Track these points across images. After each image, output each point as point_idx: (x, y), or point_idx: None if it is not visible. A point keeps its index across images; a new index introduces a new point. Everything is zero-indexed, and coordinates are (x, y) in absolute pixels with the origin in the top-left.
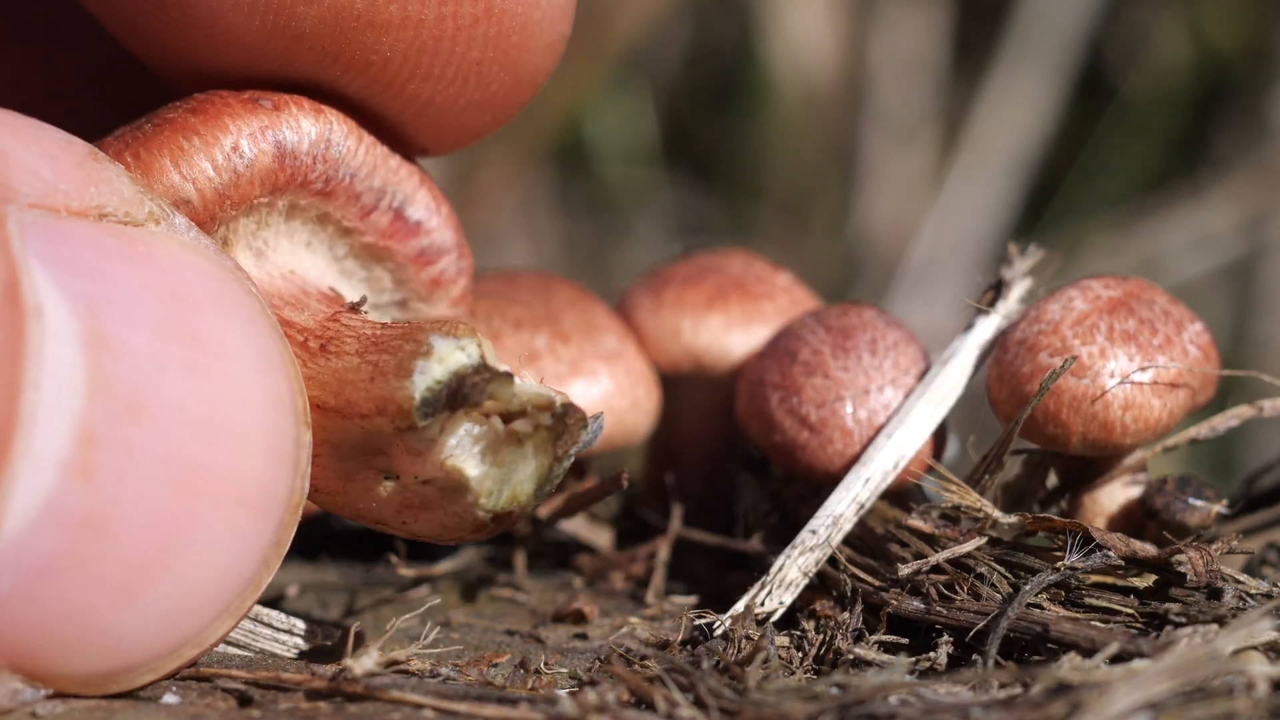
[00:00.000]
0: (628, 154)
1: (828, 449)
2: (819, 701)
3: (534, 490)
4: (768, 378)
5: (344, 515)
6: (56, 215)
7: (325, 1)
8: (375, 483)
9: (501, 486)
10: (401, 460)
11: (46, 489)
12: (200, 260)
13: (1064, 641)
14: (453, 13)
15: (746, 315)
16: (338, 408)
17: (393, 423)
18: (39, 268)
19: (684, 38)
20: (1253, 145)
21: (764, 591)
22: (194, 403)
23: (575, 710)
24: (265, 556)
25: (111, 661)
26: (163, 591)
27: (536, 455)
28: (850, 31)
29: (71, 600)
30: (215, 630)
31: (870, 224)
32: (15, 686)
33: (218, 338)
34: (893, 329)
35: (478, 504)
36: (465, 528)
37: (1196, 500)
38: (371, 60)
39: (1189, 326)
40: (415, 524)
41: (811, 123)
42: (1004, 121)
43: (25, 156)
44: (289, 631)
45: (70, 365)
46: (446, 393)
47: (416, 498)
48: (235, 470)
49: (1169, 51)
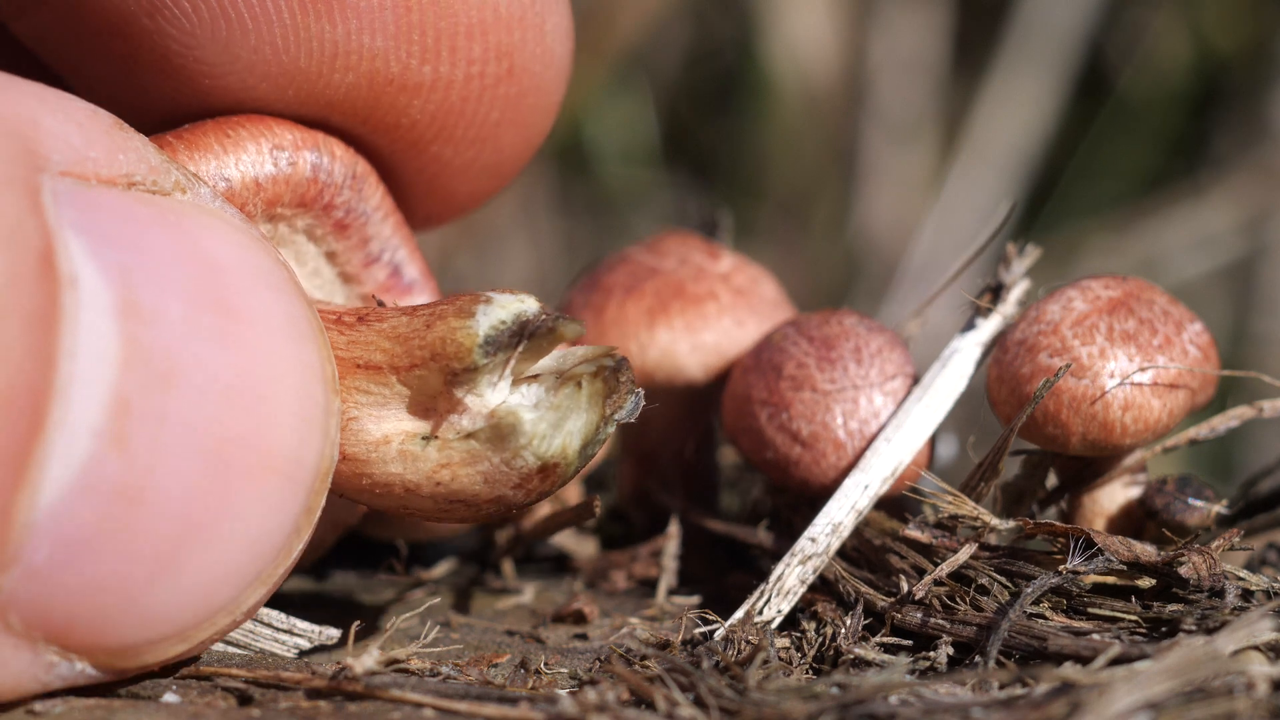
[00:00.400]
0: (628, 154)
1: (822, 463)
2: (819, 701)
3: (580, 447)
4: (755, 394)
5: (361, 497)
6: (87, 183)
7: (361, 69)
8: (410, 444)
9: (554, 432)
10: (446, 414)
11: (82, 459)
12: (228, 229)
13: (1064, 655)
14: (479, 73)
15: (690, 325)
16: (382, 364)
17: (448, 366)
18: (73, 237)
19: (684, 38)
20: (1253, 145)
21: (763, 600)
22: (225, 371)
23: (575, 709)
24: (297, 524)
25: (146, 631)
26: (196, 560)
27: (589, 407)
28: (850, 31)
29: (106, 570)
30: (249, 598)
31: (870, 224)
32: (50, 659)
33: (248, 306)
34: (875, 335)
35: (529, 447)
36: (508, 481)
37: (1196, 500)
38: (400, 122)
39: (1189, 326)
40: (451, 483)
41: (811, 123)
42: (1004, 121)
43: (54, 124)
44: (289, 631)
45: (105, 335)
46: (509, 332)
47: (458, 454)
48: (266, 438)
49: (1169, 51)
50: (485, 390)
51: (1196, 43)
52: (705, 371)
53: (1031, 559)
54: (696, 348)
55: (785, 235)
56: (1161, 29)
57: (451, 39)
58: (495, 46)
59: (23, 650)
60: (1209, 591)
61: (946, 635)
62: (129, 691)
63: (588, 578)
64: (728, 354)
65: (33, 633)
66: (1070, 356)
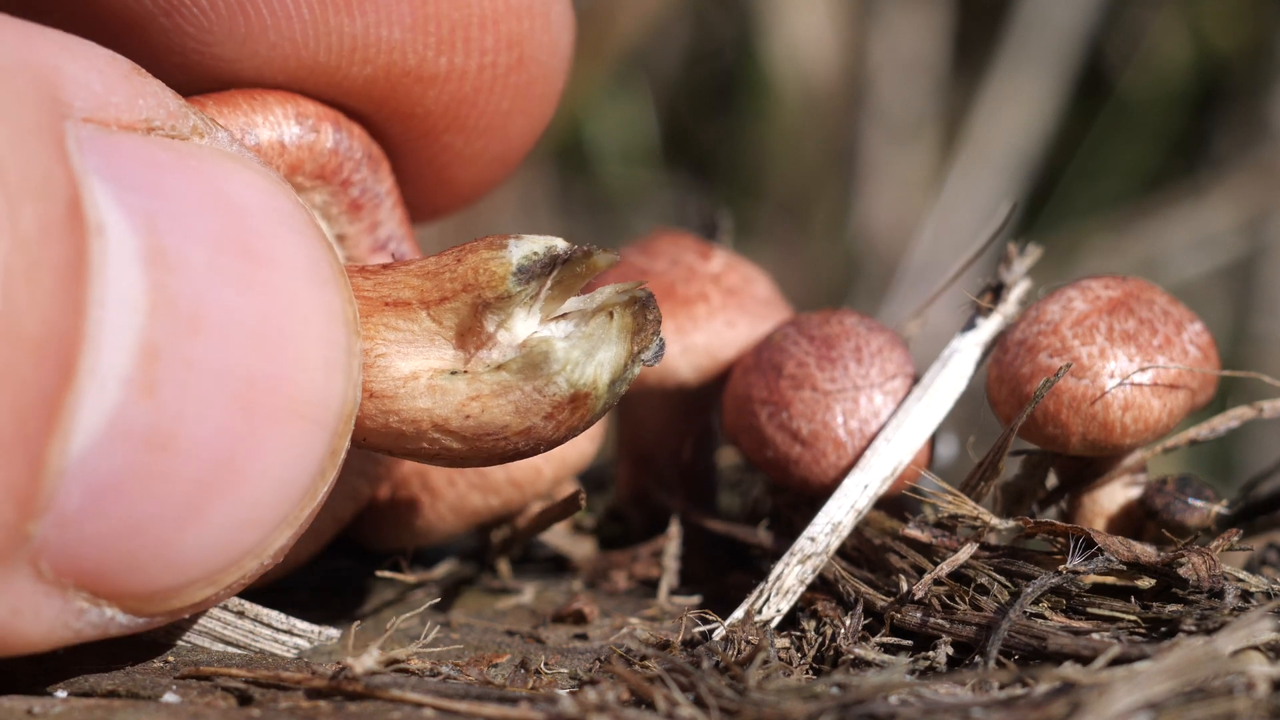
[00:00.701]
0: (628, 154)
1: (821, 462)
2: (819, 701)
3: (609, 380)
4: (755, 393)
5: (386, 441)
6: (108, 129)
7: (379, 61)
8: (439, 379)
9: (586, 360)
10: (476, 349)
11: (112, 407)
12: (248, 172)
13: (1064, 655)
14: (491, 63)
15: (681, 328)
16: (411, 299)
17: (480, 296)
18: (98, 183)
19: (684, 38)
20: (1253, 145)
21: (762, 599)
22: (250, 315)
23: (575, 709)
24: (321, 467)
25: (175, 575)
26: (224, 504)
27: (619, 339)
28: (850, 31)
29: (136, 516)
30: (274, 541)
31: (870, 224)
32: (80, 605)
33: (270, 249)
34: (875, 334)
35: (562, 373)
36: (539, 409)
37: (1196, 500)
38: (415, 112)
39: (1189, 326)
40: (481, 415)
41: (811, 123)
42: (1004, 121)
43: (76, 70)
44: (289, 631)
45: (132, 282)
46: (541, 263)
47: (488, 386)
48: (291, 381)
49: (1169, 51)
50: (516, 323)
51: (1196, 43)
52: (697, 373)
53: (1031, 559)
54: (687, 350)
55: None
56: (1161, 29)
57: (465, 30)
58: (506, 36)
59: (54, 597)
60: (1209, 592)
61: (946, 635)
62: (129, 691)
63: (588, 578)
64: (719, 355)
65: (63, 579)
66: (1070, 356)
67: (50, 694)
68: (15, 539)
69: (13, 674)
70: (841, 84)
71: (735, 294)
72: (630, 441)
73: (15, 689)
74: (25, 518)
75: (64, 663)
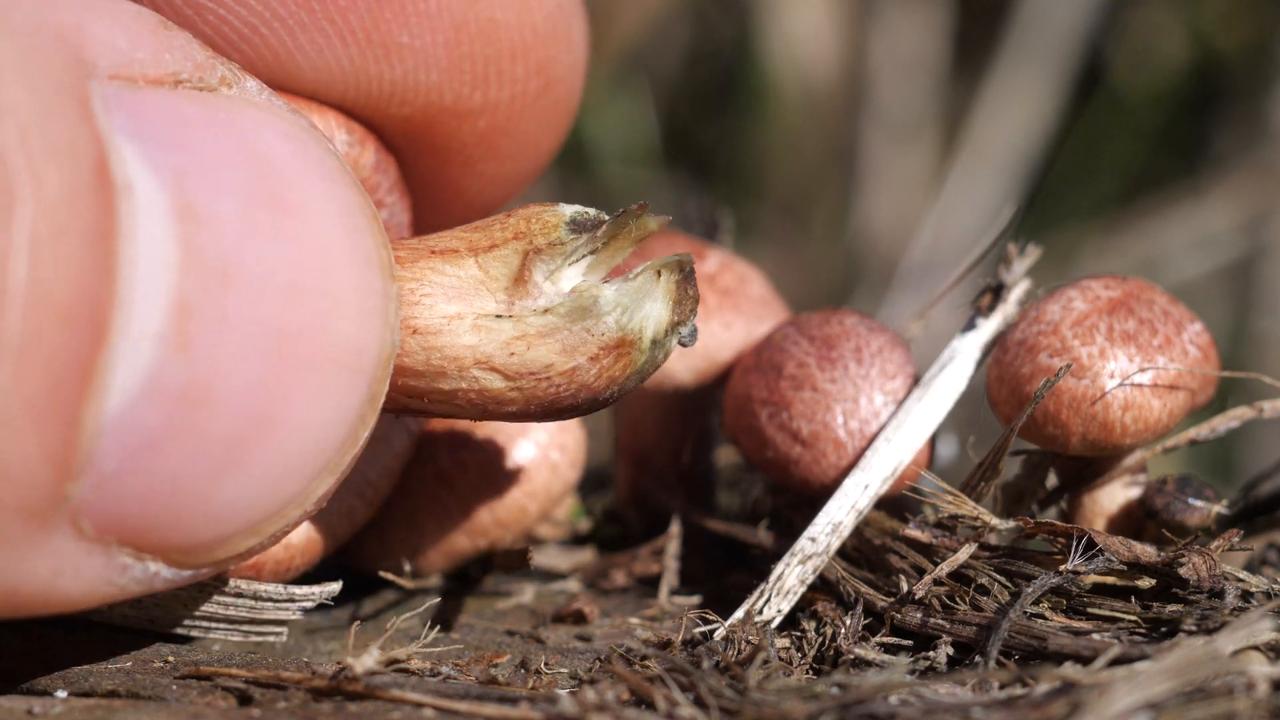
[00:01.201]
0: (628, 154)
1: (822, 462)
2: (819, 701)
3: (652, 338)
4: (755, 394)
5: (422, 385)
6: (135, 85)
7: (417, 102)
8: (483, 320)
9: (635, 307)
10: (524, 295)
11: (146, 364)
12: (278, 121)
13: (1064, 655)
14: (523, 91)
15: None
16: (460, 248)
17: (531, 243)
18: (125, 142)
19: (684, 38)
20: (1253, 145)
21: (762, 599)
22: (283, 266)
23: (575, 709)
24: (361, 413)
25: (218, 527)
26: (264, 455)
27: (664, 299)
28: (850, 31)
29: (176, 471)
30: (316, 489)
31: (870, 224)
32: (124, 561)
33: (301, 198)
34: (876, 335)
35: (611, 313)
36: (586, 349)
37: (1196, 500)
38: (450, 145)
39: (1189, 326)
40: (527, 352)
41: (811, 123)
42: (1004, 121)
43: (100, 28)
44: (290, 599)
45: (162, 240)
46: (592, 220)
47: (534, 327)
48: (327, 330)
49: (1169, 51)
50: (564, 276)
51: (1196, 42)
52: (694, 375)
53: (1031, 559)
54: (683, 353)
55: (785, 235)
56: (1161, 29)
57: (497, 63)
58: (535, 63)
59: (96, 555)
60: (1209, 592)
61: (946, 635)
62: (129, 691)
63: (588, 578)
64: (716, 357)
65: (105, 536)
66: (1070, 356)
67: (50, 694)
68: (54, 500)
69: (13, 674)
70: (841, 84)
71: (730, 294)
72: (628, 443)
73: (15, 689)
74: (63, 479)
75: (64, 663)
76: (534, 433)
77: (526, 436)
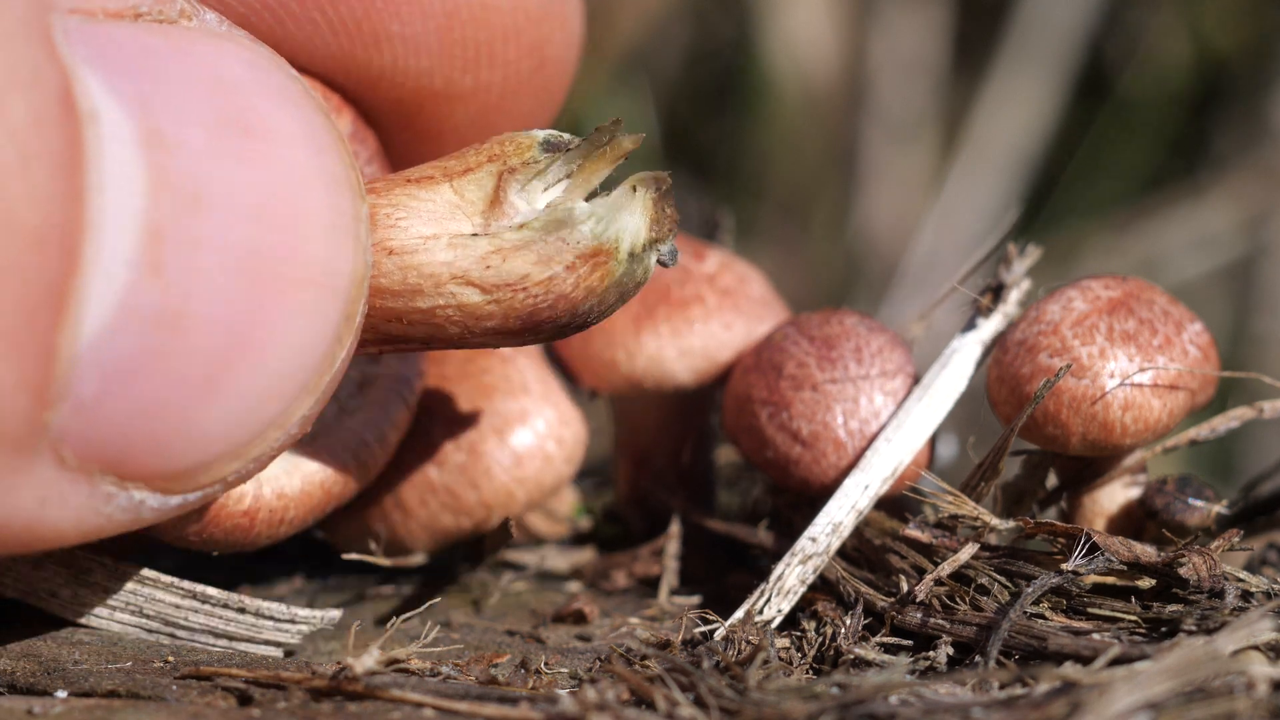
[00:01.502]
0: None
1: (821, 462)
2: (819, 701)
3: (628, 249)
4: (755, 394)
5: (399, 304)
6: (95, 19)
7: (407, 86)
8: (459, 239)
9: (611, 219)
10: (499, 215)
11: (119, 291)
12: (239, 49)
13: (1064, 655)
14: (515, 72)
15: (677, 330)
16: (434, 174)
17: (506, 164)
18: (89, 73)
19: (684, 38)
20: (1253, 145)
21: (763, 599)
22: (252, 189)
23: (575, 708)
24: (338, 333)
25: (199, 452)
26: (241, 377)
27: (641, 213)
28: (850, 31)
29: (154, 397)
30: (296, 410)
31: (870, 224)
32: (108, 490)
33: (267, 123)
34: (875, 334)
35: (587, 223)
36: (562, 258)
37: (1196, 500)
38: (444, 129)
39: (1189, 326)
40: (503, 265)
41: (811, 123)
42: (1004, 121)
43: None
44: (291, 620)
45: (130, 165)
46: (566, 142)
47: (510, 242)
48: (299, 250)
49: (1169, 51)
50: (539, 195)
51: (1196, 43)
52: (694, 375)
53: (1031, 559)
54: (684, 353)
55: (785, 235)
56: (1161, 29)
57: (489, 46)
58: (529, 44)
59: (79, 484)
60: (1209, 592)
61: (946, 635)
62: (129, 691)
63: (588, 578)
64: (716, 358)
65: (88, 465)
66: (1070, 356)
67: (50, 694)
68: (34, 429)
69: (12, 674)
70: (841, 84)
71: (730, 295)
72: (628, 442)
73: (15, 689)
74: (42, 407)
75: (64, 663)
76: (533, 421)
77: (525, 424)
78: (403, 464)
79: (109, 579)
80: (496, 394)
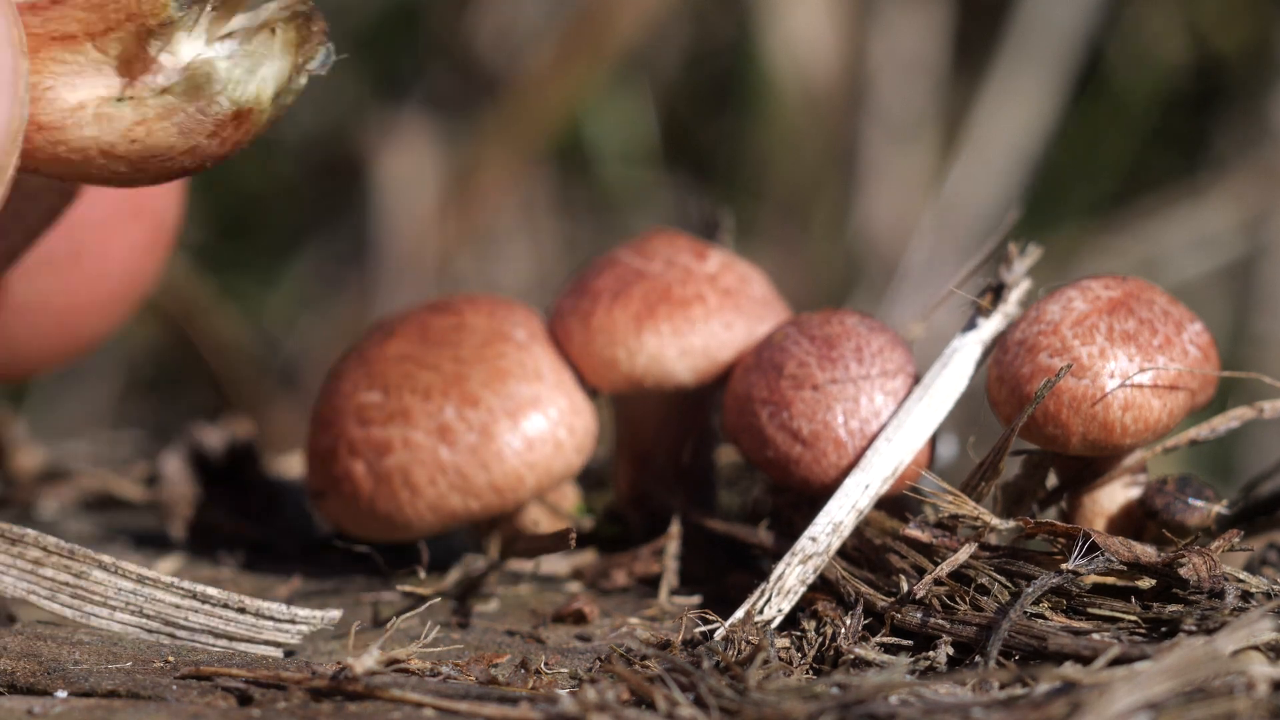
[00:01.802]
0: (628, 154)
1: (822, 462)
2: (819, 701)
3: (273, 94)
4: (755, 393)
5: (58, 168)
6: None
7: None
8: (105, 107)
9: (248, 78)
10: (141, 74)
11: None
12: None
13: (1064, 655)
14: None
15: (678, 330)
16: (77, 32)
17: (144, 24)
18: None
19: (684, 38)
20: (1253, 145)
21: (763, 599)
22: None
23: (576, 708)
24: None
25: None
26: None
27: (283, 54)
28: (850, 31)
29: None
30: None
31: (870, 224)
32: None
33: None
34: (876, 334)
35: (224, 92)
36: (203, 129)
37: (1196, 500)
38: None
39: (1189, 326)
40: (147, 138)
41: (811, 123)
42: (1004, 121)
43: None
44: (292, 620)
45: None
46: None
47: (153, 110)
48: None
49: (1169, 51)
50: (180, 47)
51: (1196, 43)
52: (695, 375)
53: (1031, 559)
54: (685, 352)
55: (785, 235)
56: (1161, 29)
57: None
58: None
59: None
60: (1209, 592)
61: (947, 635)
62: (129, 691)
63: (588, 578)
64: (716, 357)
65: None
66: (1070, 356)
67: (50, 694)
68: None
69: (12, 674)
70: (841, 84)
71: (731, 294)
72: (629, 442)
73: (15, 689)
74: None
75: (64, 663)
76: (546, 408)
77: (538, 409)
78: (410, 442)
79: (109, 579)
80: (511, 378)
